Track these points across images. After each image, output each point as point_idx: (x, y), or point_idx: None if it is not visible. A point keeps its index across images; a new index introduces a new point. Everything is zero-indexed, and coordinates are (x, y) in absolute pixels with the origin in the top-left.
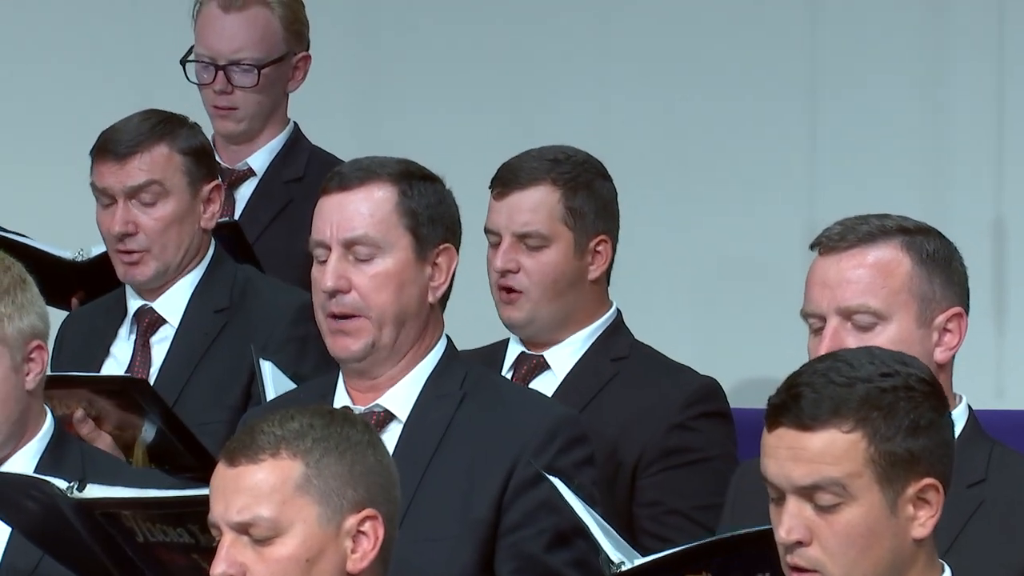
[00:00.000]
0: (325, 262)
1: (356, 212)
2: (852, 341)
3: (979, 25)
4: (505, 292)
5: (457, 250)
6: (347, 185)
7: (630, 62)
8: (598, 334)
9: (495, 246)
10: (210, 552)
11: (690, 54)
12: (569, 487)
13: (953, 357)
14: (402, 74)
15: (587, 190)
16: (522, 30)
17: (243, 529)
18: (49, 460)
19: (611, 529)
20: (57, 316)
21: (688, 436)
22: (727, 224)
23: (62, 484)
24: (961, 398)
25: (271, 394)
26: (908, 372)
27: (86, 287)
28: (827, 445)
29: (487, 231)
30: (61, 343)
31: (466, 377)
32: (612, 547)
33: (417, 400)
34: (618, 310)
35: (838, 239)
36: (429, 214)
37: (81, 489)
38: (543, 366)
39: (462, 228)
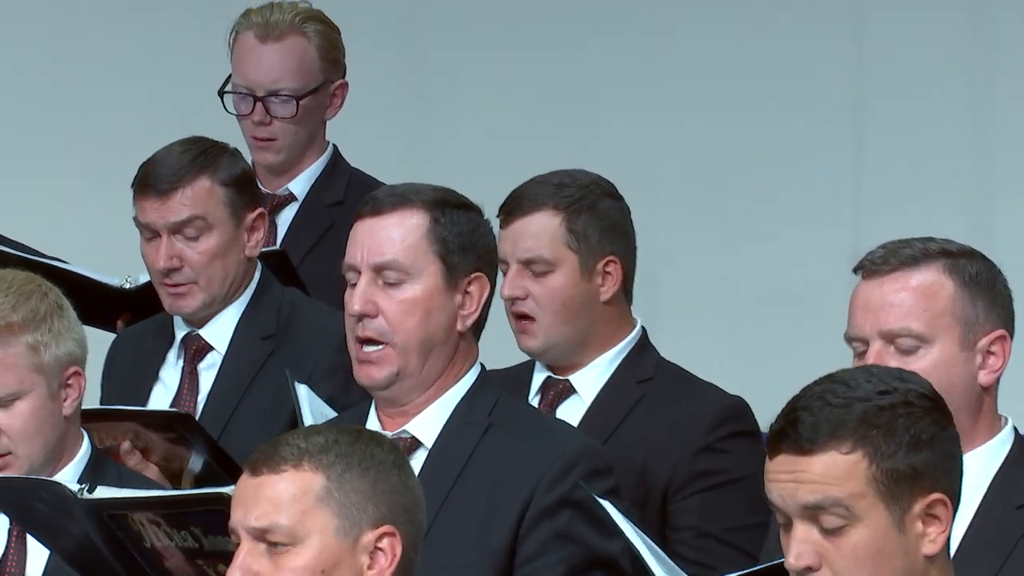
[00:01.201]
0: (356, 285)
1: (387, 237)
2: (895, 364)
3: None
4: (519, 320)
5: (492, 279)
6: (380, 210)
7: (675, 88)
8: (623, 355)
9: (505, 274)
10: (214, 556)
11: (734, 79)
12: (619, 509)
13: (998, 380)
14: (448, 100)
15: (590, 212)
16: (568, 55)
17: (260, 536)
18: (88, 481)
19: (661, 553)
20: (97, 338)
21: (717, 458)
22: (771, 248)
23: (74, 486)
24: (1007, 420)
25: (308, 417)
26: (907, 388)
27: (134, 312)
28: (827, 467)
29: (499, 260)
30: (111, 365)
31: (495, 406)
32: (664, 571)
33: (444, 427)
34: (643, 329)
35: (881, 262)
36: (460, 242)
37: (91, 491)
38: (569, 391)
39: (498, 258)
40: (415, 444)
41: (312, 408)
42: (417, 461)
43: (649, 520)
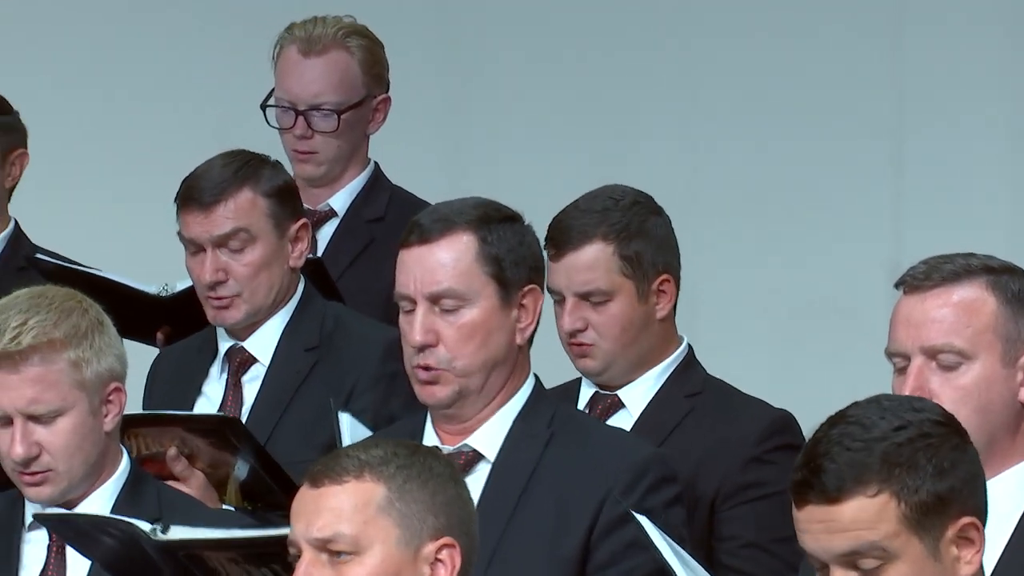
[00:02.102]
0: (411, 312)
1: (438, 265)
2: (936, 380)
3: None
4: (576, 346)
5: (542, 288)
6: (427, 237)
7: (715, 104)
8: (671, 370)
9: (559, 303)
10: None
11: (775, 92)
12: (656, 525)
13: None
14: (490, 114)
15: (640, 234)
16: (608, 68)
17: (323, 546)
18: (126, 500)
19: (700, 568)
20: (136, 353)
21: (764, 469)
22: (812, 264)
23: (146, 526)
24: None
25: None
26: (921, 419)
27: (171, 322)
28: (857, 513)
29: (549, 290)
30: (152, 381)
31: (554, 416)
32: None
33: (505, 440)
34: (689, 345)
35: (923, 278)
36: (512, 258)
37: (165, 531)
38: (618, 405)
39: (545, 264)
40: (476, 457)
41: (354, 437)
42: (480, 475)
43: (696, 530)
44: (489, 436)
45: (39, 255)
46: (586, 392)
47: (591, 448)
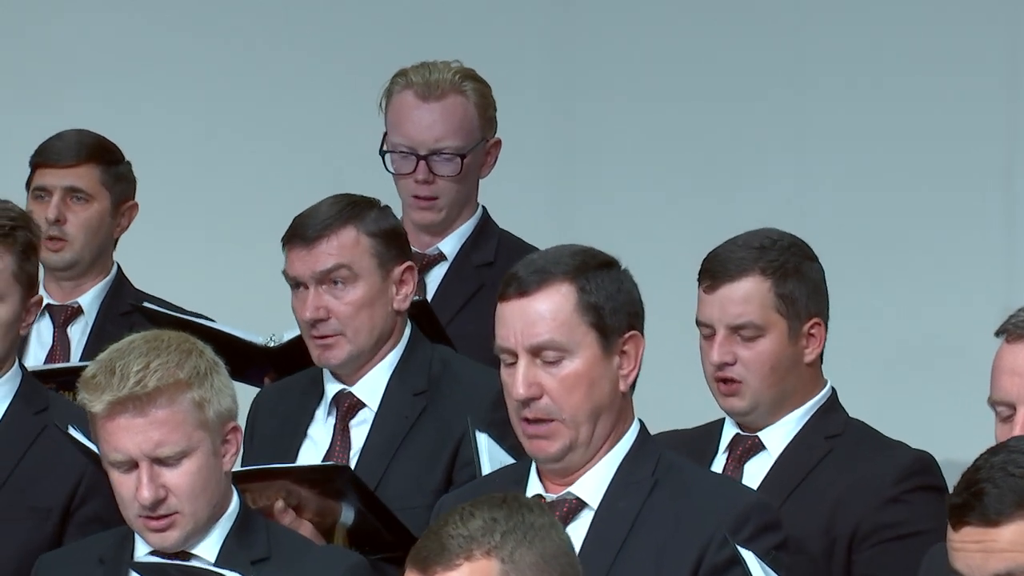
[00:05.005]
0: (512, 364)
1: (538, 317)
2: None
3: None
4: (724, 384)
5: (642, 332)
6: (525, 290)
7: (826, 142)
8: (812, 412)
9: (708, 338)
10: None
11: (886, 139)
12: (763, 561)
13: None
14: (598, 155)
15: (796, 275)
16: (715, 108)
17: None
18: (236, 539)
19: None
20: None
21: (902, 510)
22: (922, 307)
23: None
24: None
25: (486, 467)
26: None
27: (277, 369)
28: (1016, 535)
29: (699, 323)
30: (253, 424)
31: (658, 463)
32: None
33: (608, 487)
34: (833, 388)
35: None
36: (611, 305)
37: None
38: (758, 447)
39: (649, 311)
40: (580, 505)
41: (491, 456)
42: (583, 522)
43: (835, 569)
44: (593, 484)
45: (146, 303)
46: (728, 433)
47: (693, 495)
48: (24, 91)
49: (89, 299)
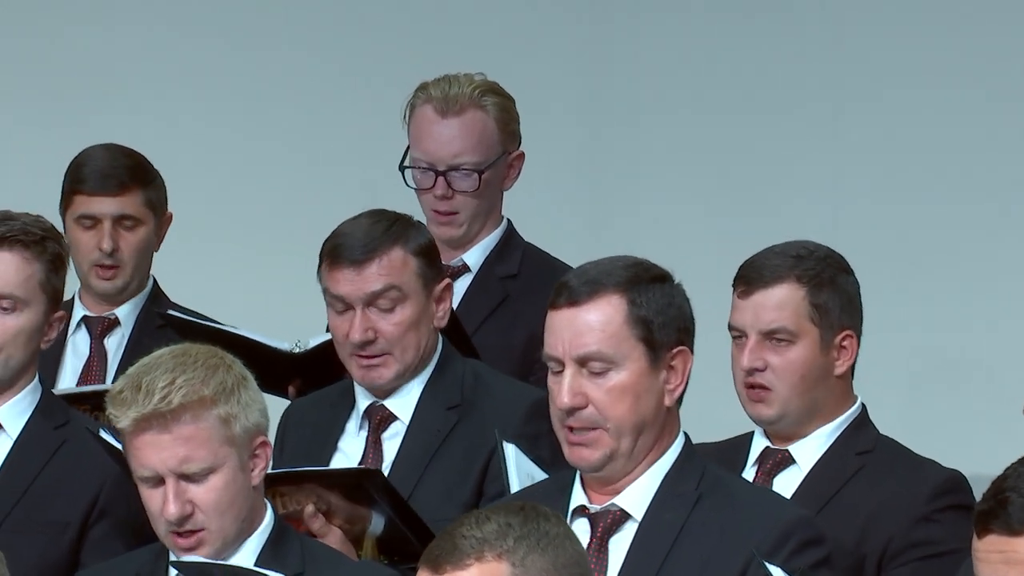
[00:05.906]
0: (559, 373)
1: (587, 328)
2: None
3: None
4: (752, 390)
5: (691, 348)
6: (576, 300)
7: (862, 155)
8: (843, 428)
9: (739, 344)
10: None
11: (923, 153)
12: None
13: None
14: (627, 166)
15: (831, 286)
16: (748, 122)
17: None
18: (270, 553)
19: None
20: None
21: (933, 528)
22: (953, 320)
23: None
24: None
25: (514, 479)
26: None
27: (302, 376)
28: None
29: (731, 328)
30: (283, 437)
31: (703, 477)
32: None
33: (653, 500)
34: (863, 405)
35: None
36: (661, 320)
37: None
38: (788, 460)
39: (695, 323)
40: (624, 517)
41: (519, 468)
42: (627, 534)
43: None
44: (637, 496)
45: (171, 311)
46: (758, 446)
47: (738, 509)
48: (57, 104)
49: (126, 311)
